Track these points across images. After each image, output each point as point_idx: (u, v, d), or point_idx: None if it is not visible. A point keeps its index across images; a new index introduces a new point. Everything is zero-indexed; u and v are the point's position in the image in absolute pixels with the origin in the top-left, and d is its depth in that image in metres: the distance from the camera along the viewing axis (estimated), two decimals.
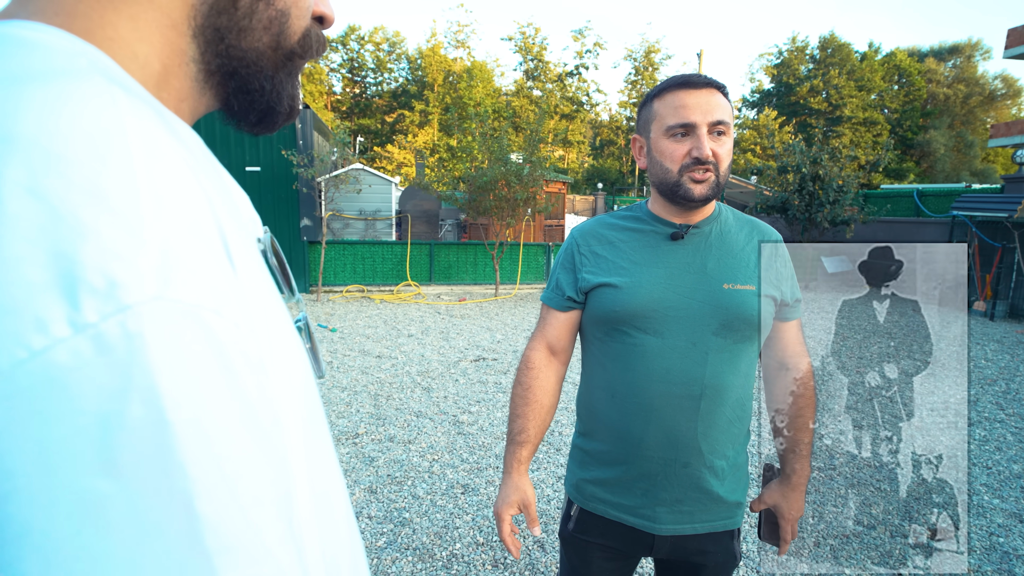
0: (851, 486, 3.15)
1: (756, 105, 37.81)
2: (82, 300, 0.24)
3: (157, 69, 0.38)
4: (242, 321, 0.29)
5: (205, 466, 0.25)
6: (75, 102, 0.28)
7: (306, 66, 0.58)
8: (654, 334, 1.10)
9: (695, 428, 1.10)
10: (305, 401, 0.37)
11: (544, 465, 3.33)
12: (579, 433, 1.27)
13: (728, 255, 1.14)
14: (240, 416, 0.27)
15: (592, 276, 1.16)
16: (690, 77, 1.09)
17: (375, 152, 29.91)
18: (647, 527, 1.15)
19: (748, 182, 13.41)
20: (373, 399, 4.39)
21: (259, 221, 0.49)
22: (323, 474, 0.39)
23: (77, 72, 0.30)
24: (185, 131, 0.38)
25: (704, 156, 1.05)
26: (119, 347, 0.24)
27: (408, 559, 2.43)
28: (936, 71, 35.45)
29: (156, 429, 0.24)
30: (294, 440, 0.31)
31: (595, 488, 1.20)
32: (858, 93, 32.38)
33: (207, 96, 0.43)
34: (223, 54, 0.41)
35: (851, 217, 10.62)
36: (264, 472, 0.28)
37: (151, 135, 0.29)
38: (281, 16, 0.42)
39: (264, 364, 0.30)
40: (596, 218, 1.26)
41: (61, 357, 0.23)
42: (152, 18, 0.37)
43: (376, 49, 35.35)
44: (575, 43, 36.22)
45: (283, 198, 8.94)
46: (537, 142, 9.11)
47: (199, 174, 0.32)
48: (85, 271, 0.24)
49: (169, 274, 0.26)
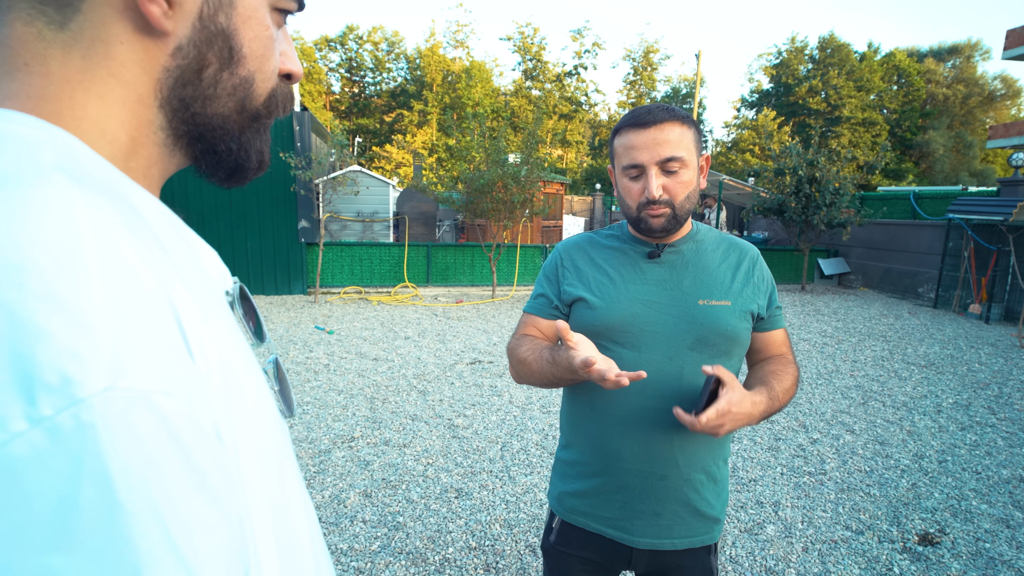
0: (841, 491, 3.18)
1: (755, 105, 37.82)
2: (38, 396, 0.26)
3: (125, 142, 0.41)
4: (195, 396, 0.32)
5: (153, 539, 0.27)
6: (33, 211, 0.30)
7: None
8: (631, 348, 1.14)
9: (672, 441, 1.13)
10: (269, 449, 0.40)
11: (537, 470, 3.36)
12: (562, 446, 1.30)
13: (704, 272, 1.18)
14: (191, 486, 0.30)
15: (572, 289, 1.21)
16: (640, 115, 1.11)
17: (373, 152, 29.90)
18: (625, 539, 1.18)
19: (745, 184, 13.42)
20: (369, 402, 4.42)
21: (227, 273, 0.52)
22: (288, 525, 0.42)
23: (37, 173, 0.32)
24: (149, 206, 0.40)
25: (651, 198, 1.10)
26: (72, 437, 0.26)
27: (401, 563, 2.46)
28: (935, 71, 35.47)
29: (106, 508, 0.27)
30: (255, 496, 0.34)
31: (575, 500, 1.22)
32: (857, 93, 32.40)
33: (176, 157, 0.45)
34: (189, 121, 0.43)
35: (848, 219, 10.64)
36: (217, 536, 0.30)
37: (105, 234, 0.32)
38: (245, 83, 0.45)
39: (220, 432, 0.33)
40: (582, 234, 1.31)
41: (19, 449, 0.26)
42: (119, 95, 0.40)
43: (375, 49, 35.33)
44: (574, 43, 36.32)
45: (281, 200, 8.96)
46: (535, 142, 9.13)
47: (158, 255, 0.35)
48: (40, 370, 0.27)
49: (120, 366, 0.28)
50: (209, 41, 0.42)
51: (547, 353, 1.15)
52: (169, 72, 0.41)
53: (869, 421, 4.30)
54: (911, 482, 3.34)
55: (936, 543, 2.72)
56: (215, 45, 0.42)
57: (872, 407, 4.62)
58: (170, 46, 0.40)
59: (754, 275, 1.21)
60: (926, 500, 3.13)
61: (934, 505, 3.08)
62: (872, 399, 4.81)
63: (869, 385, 5.19)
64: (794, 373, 1.21)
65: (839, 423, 4.24)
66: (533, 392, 4.74)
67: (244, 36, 0.44)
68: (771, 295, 1.23)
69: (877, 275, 11.51)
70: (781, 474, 3.40)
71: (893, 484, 3.31)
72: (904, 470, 3.49)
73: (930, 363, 6.01)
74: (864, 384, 5.22)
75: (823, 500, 3.10)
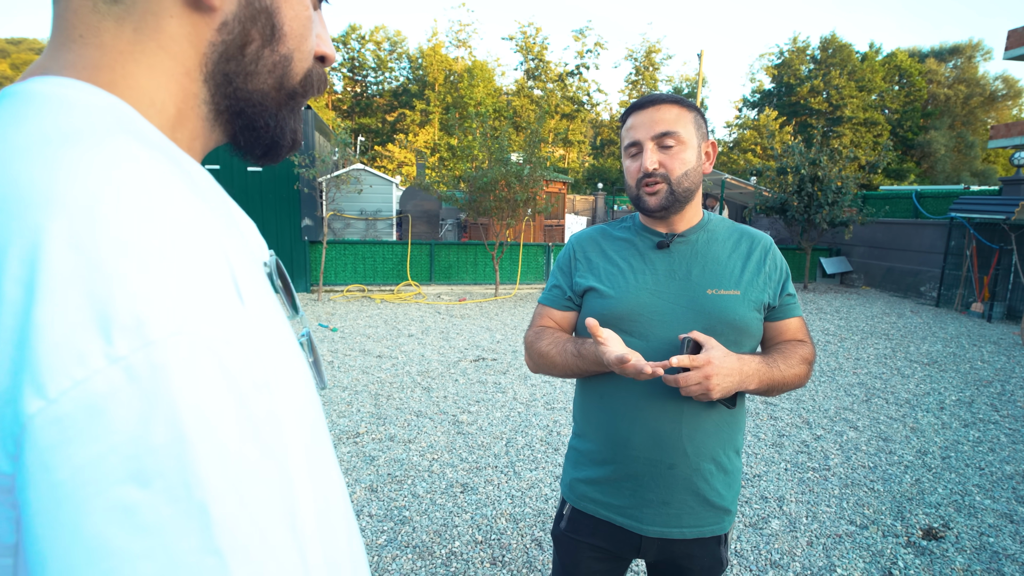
0: (845, 486, 3.19)
1: (756, 105, 37.79)
2: (114, 336, 0.28)
3: (172, 113, 0.42)
4: (250, 348, 0.33)
5: (218, 477, 0.29)
6: (105, 163, 0.32)
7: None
8: (639, 337, 1.16)
9: (679, 430, 1.15)
10: (308, 414, 0.42)
11: (542, 465, 3.37)
12: (574, 434, 1.32)
13: (713, 262, 1.19)
14: (248, 434, 0.31)
15: (583, 280, 1.24)
16: (640, 99, 1.19)
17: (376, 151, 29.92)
18: (634, 527, 1.19)
19: (748, 183, 13.42)
20: (374, 399, 4.43)
21: (265, 245, 0.53)
22: (324, 480, 0.43)
23: (106, 131, 0.35)
24: (197, 171, 0.42)
25: (647, 169, 1.14)
26: (145, 376, 0.28)
27: (408, 557, 2.47)
28: (937, 72, 35.42)
29: (177, 446, 0.28)
30: (297, 452, 0.36)
31: (586, 487, 1.24)
32: (859, 93, 32.36)
33: (216, 133, 0.47)
34: (231, 96, 0.45)
35: (850, 218, 10.65)
36: (269, 482, 0.32)
37: (169, 187, 0.34)
38: (284, 60, 0.46)
39: (269, 385, 0.34)
40: (595, 227, 1.33)
41: (98, 386, 0.27)
42: (168, 67, 0.41)
43: (377, 48, 35.34)
44: (576, 43, 36.18)
45: (285, 198, 8.98)
46: (538, 142, 9.14)
47: (209, 213, 0.37)
48: (117, 311, 0.28)
49: (186, 311, 0.30)
50: (253, 18, 0.43)
51: (571, 346, 1.19)
52: (215, 47, 0.43)
53: (872, 418, 4.31)
54: (915, 477, 3.35)
55: (940, 537, 2.73)
56: (259, 22, 0.44)
57: (875, 404, 4.63)
58: (216, 21, 0.42)
59: (766, 264, 1.21)
60: (930, 495, 3.14)
61: (938, 500, 3.09)
62: (875, 396, 4.82)
63: (872, 382, 5.20)
64: (803, 352, 1.20)
65: (842, 420, 4.26)
66: (537, 389, 4.75)
67: (286, 14, 0.45)
68: (784, 284, 1.23)
69: (879, 274, 11.51)
70: (785, 470, 3.41)
71: (897, 479, 3.32)
72: (908, 466, 3.50)
73: (933, 361, 6.02)
74: (867, 381, 5.23)
75: (827, 495, 3.11)
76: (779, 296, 1.23)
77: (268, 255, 0.51)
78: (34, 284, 0.28)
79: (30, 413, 0.27)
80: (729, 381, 1.05)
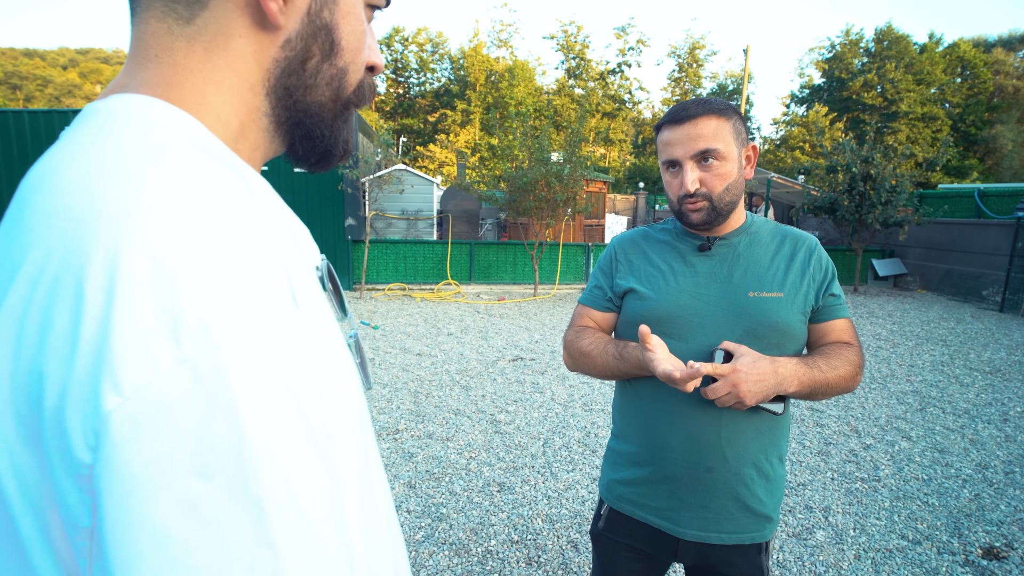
0: (896, 499, 3.06)
1: (805, 101, 36.54)
2: (183, 339, 0.30)
3: (236, 126, 0.45)
4: (304, 352, 0.36)
5: (273, 475, 0.31)
6: (176, 179, 0.35)
7: None
8: (679, 339, 1.15)
9: (718, 433, 1.13)
10: (355, 414, 0.43)
11: (579, 467, 3.35)
12: (613, 435, 1.32)
13: (755, 264, 1.18)
14: (302, 433, 0.34)
15: (624, 282, 1.24)
16: (675, 111, 1.14)
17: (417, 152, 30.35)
18: (671, 530, 1.18)
19: (795, 182, 12.99)
20: (413, 396, 4.51)
21: (317, 249, 0.56)
22: (368, 479, 0.45)
23: (177, 148, 0.38)
24: (257, 181, 0.45)
25: (687, 191, 1.12)
26: (209, 377, 0.30)
27: (444, 553, 2.51)
28: (1005, 62, 33.46)
29: (237, 444, 0.31)
30: (345, 451, 0.38)
31: (624, 488, 1.24)
32: (916, 87, 30.88)
33: (276, 143, 0.49)
34: (291, 108, 0.47)
35: (905, 218, 10.17)
36: (319, 480, 0.34)
37: (234, 201, 0.37)
38: (341, 73, 0.49)
39: (321, 387, 0.36)
40: (637, 229, 1.33)
41: (167, 385, 0.30)
42: (234, 84, 0.44)
43: (419, 50, 35.85)
44: (617, 40, 35.83)
45: (329, 198, 9.21)
46: (578, 141, 9.09)
47: (268, 222, 0.39)
48: (185, 316, 0.31)
49: (247, 318, 0.33)
50: (315, 35, 0.46)
51: (612, 348, 1.20)
52: (278, 63, 0.45)
53: (927, 428, 4.11)
54: (974, 493, 3.18)
55: (1003, 558, 2.59)
56: (319, 38, 0.46)
57: (930, 413, 4.41)
58: (280, 39, 0.44)
59: (810, 266, 1.18)
60: (991, 512, 2.98)
61: (1000, 518, 2.92)
62: (930, 405, 4.60)
63: (927, 391, 4.96)
64: (848, 354, 1.16)
65: (894, 429, 4.08)
66: (575, 390, 4.73)
67: (343, 30, 0.47)
68: (829, 284, 1.19)
69: (936, 277, 10.96)
70: (832, 479, 3.29)
71: (954, 494, 3.16)
72: (966, 480, 3.33)
73: (995, 369, 5.69)
74: (922, 389, 5.00)
75: (877, 507, 2.99)
76: (823, 296, 1.19)
77: (320, 259, 0.54)
78: (113, 290, 0.30)
79: (108, 409, 0.29)
80: (761, 386, 1.03)
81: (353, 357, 0.52)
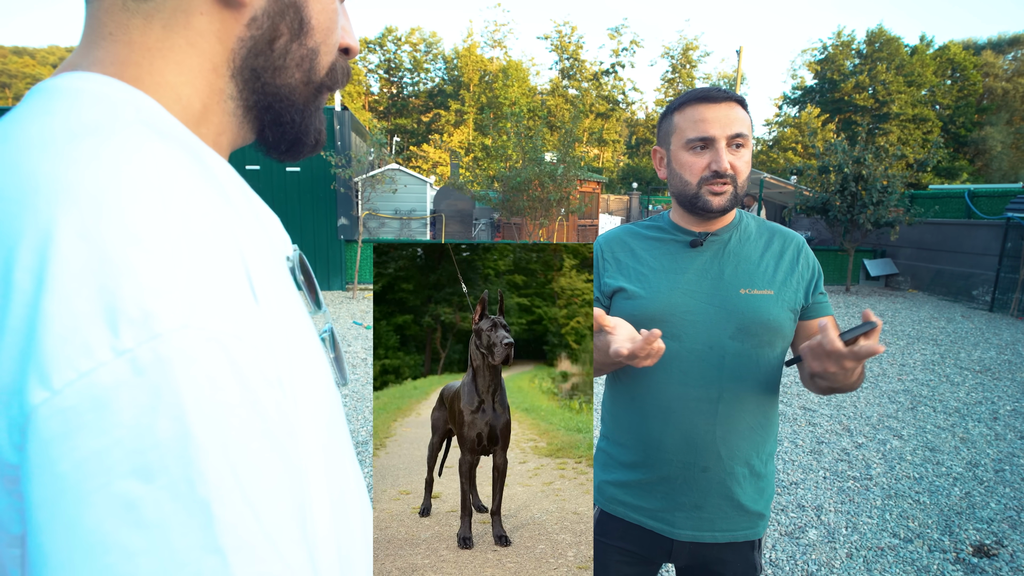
0: (888, 497, 3.07)
1: (797, 102, 36.74)
2: (121, 328, 0.28)
3: (198, 108, 0.43)
4: (261, 344, 0.33)
5: (222, 475, 0.29)
6: (118, 156, 0.32)
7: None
8: (672, 338, 1.13)
9: (713, 432, 1.12)
10: (325, 410, 0.41)
11: None
12: (603, 436, 1.30)
13: (746, 261, 1.17)
14: (256, 429, 0.31)
15: (612, 281, 1.21)
16: (709, 91, 1.12)
17: (411, 152, 30.28)
18: (666, 531, 1.16)
19: (787, 182, 13.04)
20: None
21: (288, 240, 0.53)
22: (340, 477, 0.43)
23: (123, 124, 0.35)
24: (219, 165, 0.42)
25: (723, 169, 1.09)
26: (151, 369, 0.28)
27: None
28: (994, 64, 33.77)
29: (181, 441, 0.28)
30: (311, 450, 0.35)
31: (616, 490, 1.22)
32: (907, 89, 31.12)
33: (244, 129, 0.47)
34: (259, 91, 0.45)
35: (896, 219, 10.23)
36: (278, 479, 0.31)
37: (184, 180, 0.34)
38: (312, 53, 0.46)
39: (282, 381, 0.34)
40: (621, 227, 1.31)
41: (103, 377, 0.27)
42: (195, 63, 0.41)
43: (413, 49, 35.79)
44: (611, 41, 35.95)
45: (321, 198, 9.16)
46: (572, 141, 9.10)
47: (228, 209, 0.37)
48: (124, 303, 0.28)
49: (195, 305, 0.30)
50: (282, 12, 0.43)
51: (596, 341, 1.15)
52: (243, 42, 0.43)
53: (918, 427, 4.13)
54: (964, 491, 3.19)
55: (993, 555, 2.60)
56: (287, 16, 0.44)
57: (921, 412, 4.43)
58: (246, 17, 0.42)
59: (799, 264, 1.18)
60: (981, 510, 2.99)
61: (990, 516, 2.93)
62: (921, 404, 4.62)
63: (918, 390, 4.99)
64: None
65: (886, 428, 4.09)
66: None
67: (313, 8, 0.45)
68: (816, 283, 1.20)
69: (927, 277, 11.04)
70: (824, 478, 3.30)
71: (945, 492, 3.17)
72: (957, 478, 3.34)
73: (985, 368, 5.73)
74: (913, 388, 5.02)
75: (868, 506, 3.00)
76: (812, 295, 1.19)
77: (291, 250, 0.51)
78: (44, 274, 0.28)
79: (34, 404, 0.27)
80: (853, 373, 0.97)
81: (327, 352, 0.50)
